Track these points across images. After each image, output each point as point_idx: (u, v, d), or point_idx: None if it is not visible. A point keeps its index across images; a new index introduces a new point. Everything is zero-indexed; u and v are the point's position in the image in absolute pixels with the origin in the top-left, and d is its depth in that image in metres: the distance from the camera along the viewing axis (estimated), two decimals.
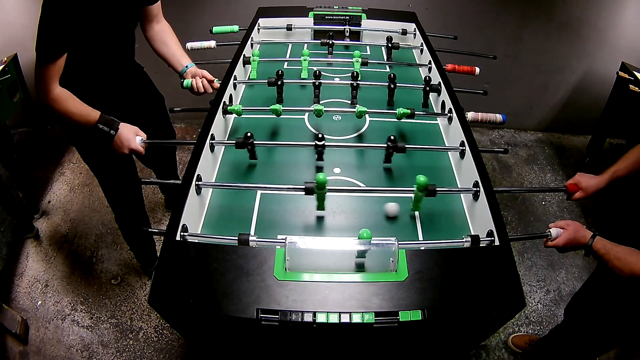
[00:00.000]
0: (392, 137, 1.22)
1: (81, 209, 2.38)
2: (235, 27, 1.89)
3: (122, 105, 1.44)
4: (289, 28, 1.93)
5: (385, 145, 1.23)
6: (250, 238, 0.95)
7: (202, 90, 1.50)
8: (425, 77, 1.53)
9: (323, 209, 1.11)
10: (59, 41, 1.16)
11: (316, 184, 1.03)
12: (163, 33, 1.53)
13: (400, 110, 1.35)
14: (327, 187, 1.04)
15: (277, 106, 1.34)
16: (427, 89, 1.52)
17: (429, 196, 1.07)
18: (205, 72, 1.51)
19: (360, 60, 1.65)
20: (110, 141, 1.29)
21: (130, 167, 1.62)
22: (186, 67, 1.52)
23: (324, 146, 1.23)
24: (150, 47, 1.56)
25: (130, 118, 1.36)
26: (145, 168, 2.00)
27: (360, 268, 0.92)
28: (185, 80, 1.50)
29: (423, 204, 1.15)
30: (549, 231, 1.07)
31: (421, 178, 1.04)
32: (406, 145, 1.30)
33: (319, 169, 1.28)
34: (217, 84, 1.50)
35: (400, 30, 1.94)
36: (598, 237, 1.04)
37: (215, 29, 1.86)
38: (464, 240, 0.98)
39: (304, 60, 1.63)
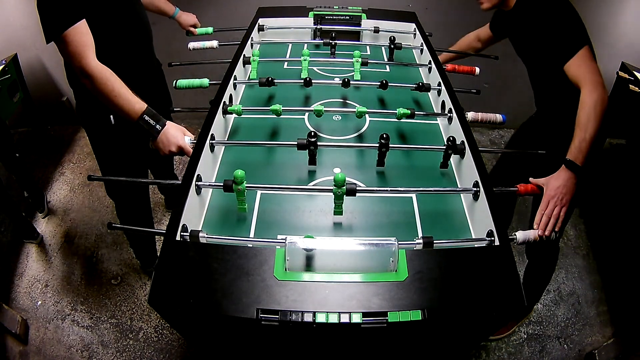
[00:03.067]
0: (384, 135, 1.20)
1: (81, 209, 2.38)
2: (210, 29, 1.95)
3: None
4: (288, 28, 1.93)
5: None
6: (200, 235, 0.96)
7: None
8: (419, 83, 1.54)
9: (341, 213, 1.09)
10: (63, 9, 1.10)
11: (334, 183, 1.03)
12: None
13: (400, 110, 1.35)
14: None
15: (277, 106, 1.34)
16: (416, 87, 1.53)
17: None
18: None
19: (360, 60, 1.65)
20: (154, 137, 1.24)
21: (142, 162, 1.62)
22: (174, 14, 1.83)
23: (316, 145, 1.21)
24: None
25: None
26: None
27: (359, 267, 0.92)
28: (178, 81, 1.52)
29: (422, 204, 1.16)
30: (514, 236, 1.01)
31: None
32: (406, 146, 1.30)
33: (319, 169, 1.28)
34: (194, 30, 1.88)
35: (400, 30, 1.94)
36: (567, 157, 1.16)
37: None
38: (415, 242, 0.96)
39: (304, 60, 1.62)
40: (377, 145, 1.22)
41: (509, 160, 1.84)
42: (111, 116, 1.37)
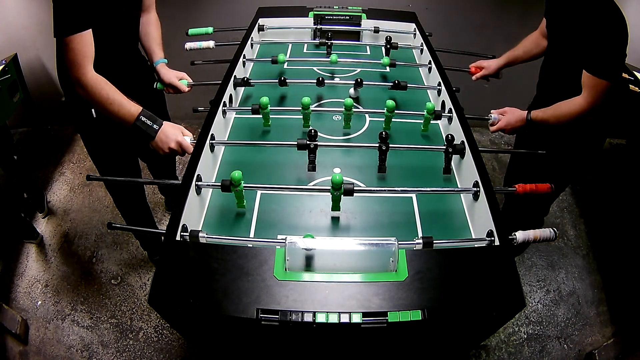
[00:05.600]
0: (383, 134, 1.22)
1: (81, 209, 2.37)
2: (210, 29, 1.87)
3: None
4: (288, 28, 1.93)
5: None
6: (200, 234, 0.97)
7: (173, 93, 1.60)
8: (395, 81, 1.54)
9: (338, 210, 1.11)
10: (76, 14, 1.12)
11: (332, 184, 1.03)
12: (149, 25, 1.55)
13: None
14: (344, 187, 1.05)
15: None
16: (392, 85, 1.55)
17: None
18: (173, 79, 1.55)
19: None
20: (152, 138, 1.23)
21: (133, 159, 1.63)
22: (155, 63, 1.56)
23: (316, 147, 1.22)
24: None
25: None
26: (145, 168, 1.99)
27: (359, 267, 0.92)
28: (158, 84, 1.58)
29: (422, 204, 1.16)
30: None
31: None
32: (406, 146, 1.30)
33: (319, 169, 1.28)
34: (185, 88, 1.57)
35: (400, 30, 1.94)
36: (532, 110, 1.39)
37: (191, 31, 1.85)
38: (415, 242, 0.97)
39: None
40: (377, 145, 1.22)
41: (519, 158, 1.85)
42: (92, 110, 1.37)
